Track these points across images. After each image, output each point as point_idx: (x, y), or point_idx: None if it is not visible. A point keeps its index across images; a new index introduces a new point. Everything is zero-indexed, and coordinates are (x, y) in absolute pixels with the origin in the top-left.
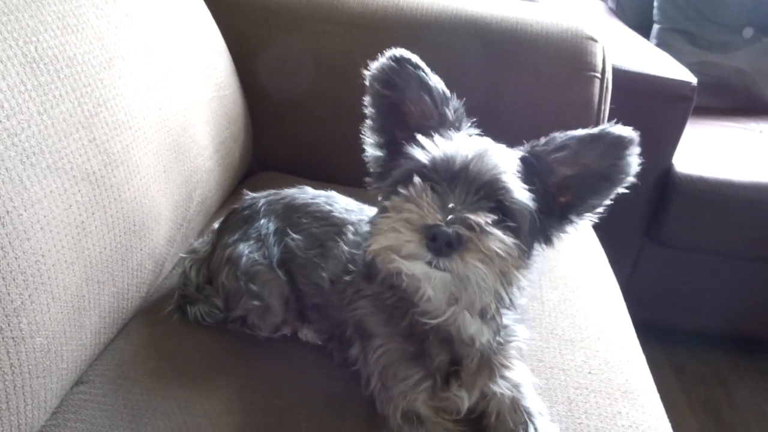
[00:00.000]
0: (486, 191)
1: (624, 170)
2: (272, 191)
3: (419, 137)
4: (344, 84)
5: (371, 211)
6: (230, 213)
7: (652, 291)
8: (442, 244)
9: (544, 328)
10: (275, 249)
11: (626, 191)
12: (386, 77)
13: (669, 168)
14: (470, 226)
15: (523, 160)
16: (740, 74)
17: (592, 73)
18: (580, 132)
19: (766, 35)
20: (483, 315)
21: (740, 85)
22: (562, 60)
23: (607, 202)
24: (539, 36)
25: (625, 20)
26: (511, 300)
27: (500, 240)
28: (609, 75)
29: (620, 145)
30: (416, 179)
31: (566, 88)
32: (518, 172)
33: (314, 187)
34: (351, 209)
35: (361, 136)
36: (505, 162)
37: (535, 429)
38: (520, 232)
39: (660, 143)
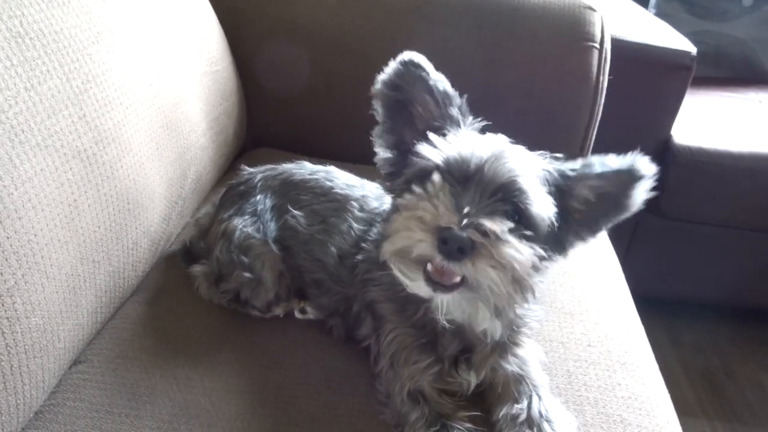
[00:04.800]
0: (502, 194)
1: (634, 201)
2: (269, 166)
3: (432, 136)
4: (338, 56)
5: (372, 186)
6: (227, 188)
7: (651, 263)
8: (453, 248)
9: (543, 301)
10: (272, 225)
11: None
12: (392, 80)
13: (667, 139)
14: (484, 232)
15: (546, 173)
16: (739, 43)
17: (591, 43)
18: (610, 165)
19: (766, 3)
20: (498, 313)
21: (739, 54)
22: (560, 30)
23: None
24: (536, 6)
25: None
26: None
27: (515, 248)
28: (608, 45)
29: (638, 177)
30: (436, 176)
31: (564, 58)
32: (539, 179)
33: (311, 162)
34: (352, 185)
35: (354, 109)
36: (523, 165)
37: (540, 398)
38: (536, 238)
39: (659, 114)
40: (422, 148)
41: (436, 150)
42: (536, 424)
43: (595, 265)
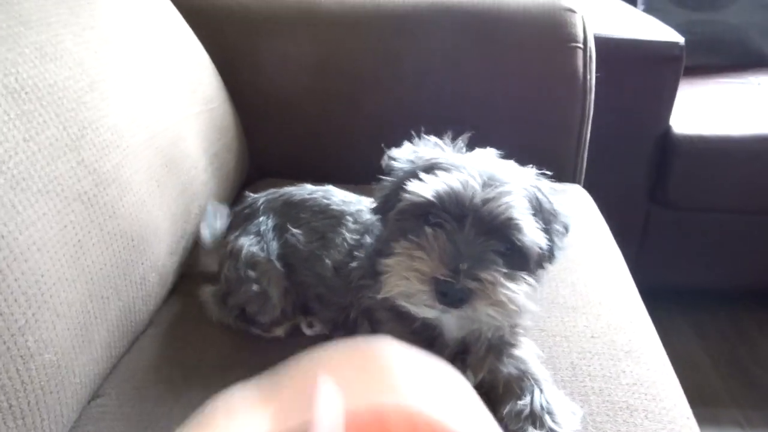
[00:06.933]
0: (498, 232)
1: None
2: (272, 190)
3: (421, 174)
4: (331, 82)
5: (367, 201)
6: (233, 214)
7: (665, 255)
8: (453, 300)
9: (545, 298)
10: (274, 244)
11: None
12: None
13: (667, 130)
14: (480, 280)
15: (535, 190)
16: (734, 29)
17: (574, 44)
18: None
19: None
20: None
21: (735, 40)
22: (543, 34)
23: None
24: (517, 13)
25: None
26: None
27: (510, 290)
28: (591, 44)
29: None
30: (428, 229)
31: (550, 61)
32: (528, 205)
33: (313, 185)
34: (348, 201)
35: (351, 129)
36: (517, 198)
37: (541, 392)
38: (529, 267)
39: (655, 106)
40: (413, 185)
41: (426, 186)
42: (538, 417)
43: (595, 258)
